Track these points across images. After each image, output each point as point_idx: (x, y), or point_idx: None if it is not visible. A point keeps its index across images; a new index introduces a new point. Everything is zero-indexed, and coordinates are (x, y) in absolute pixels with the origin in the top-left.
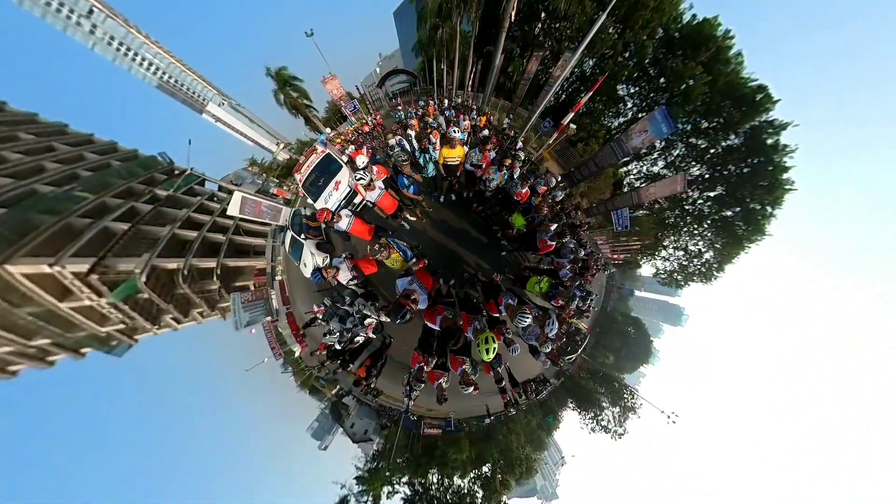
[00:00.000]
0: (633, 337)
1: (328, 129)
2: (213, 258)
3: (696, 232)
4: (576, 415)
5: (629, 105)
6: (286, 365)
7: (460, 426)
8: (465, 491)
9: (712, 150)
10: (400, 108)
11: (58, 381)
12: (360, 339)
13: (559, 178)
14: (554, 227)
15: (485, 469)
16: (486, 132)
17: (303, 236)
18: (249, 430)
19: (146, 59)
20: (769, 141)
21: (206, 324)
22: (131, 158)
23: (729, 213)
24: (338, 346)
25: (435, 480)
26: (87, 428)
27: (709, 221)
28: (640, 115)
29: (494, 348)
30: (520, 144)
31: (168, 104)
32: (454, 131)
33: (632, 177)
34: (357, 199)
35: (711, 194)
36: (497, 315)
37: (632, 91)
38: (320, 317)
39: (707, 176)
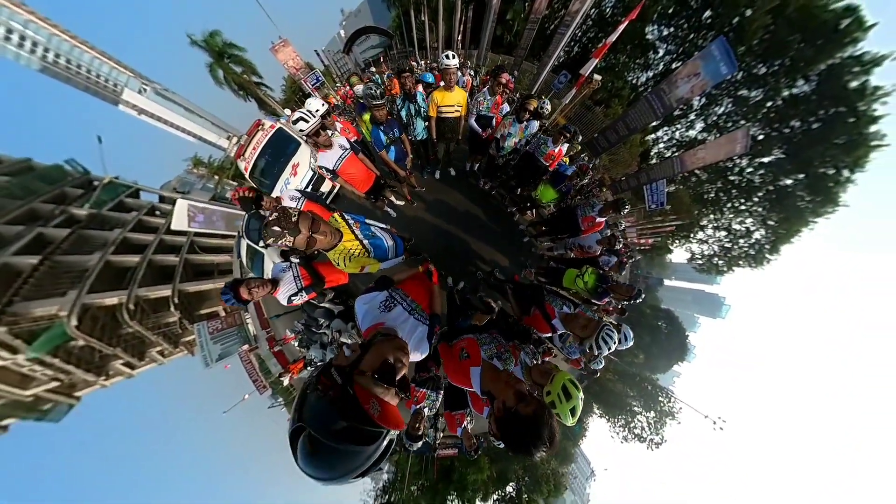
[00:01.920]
0: (665, 332)
1: (288, 111)
2: (167, 285)
3: (742, 207)
4: (604, 422)
5: (661, 54)
6: (275, 396)
7: (479, 443)
8: None
9: (769, 104)
10: (375, 72)
11: None
12: None
13: (572, 131)
14: (603, 198)
15: (509, 489)
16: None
17: (261, 244)
18: (238, 478)
19: (13, 31)
20: (853, 84)
21: (170, 363)
22: (23, 171)
23: (789, 182)
24: None
25: None
26: None
27: (760, 194)
28: (673, 67)
29: (581, 404)
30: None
31: (70, 95)
32: (447, 56)
33: (661, 145)
34: (325, 187)
35: (766, 160)
36: (548, 335)
37: (665, 34)
38: (295, 344)
39: (761, 137)
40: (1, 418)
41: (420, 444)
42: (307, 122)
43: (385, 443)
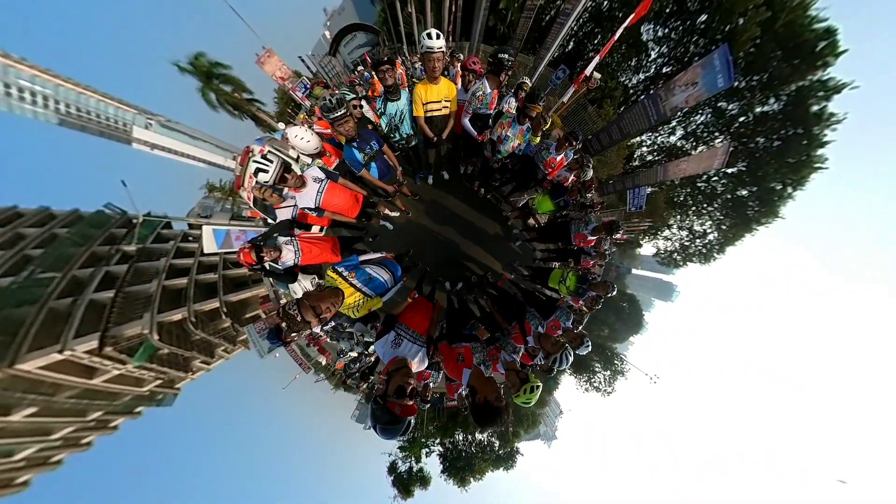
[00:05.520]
0: (628, 312)
1: (282, 125)
2: (214, 298)
3: (704, 212)
4: (572, 379)
5: (653, 56)
6: (318, 373)
7: None
8: (486, 442)
9: (742, 119)
10: (363, 71)
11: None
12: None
13: (570, 133)
14: (594, 218)
15: None
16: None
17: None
18: (304, 433)
19: (25, 90)
20: (814, 107)
21: (234, 358)
22: (76, 221)
23: (744, 193)
24: (353, 369)
25: (461, 438)
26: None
27: (720, 201)
28: (664, 71)
29: (535, 400)
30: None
31: (88, 143)
32: (429, 35)
33: (644, 149)
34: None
35: (730, 171)
36: (522, 345)
37: (660, 35)
38: (328, 339)
39: (731, 150)
40: (133, 408)
41: (428, 405)
42: (266, 171)
43: (407, 422)
